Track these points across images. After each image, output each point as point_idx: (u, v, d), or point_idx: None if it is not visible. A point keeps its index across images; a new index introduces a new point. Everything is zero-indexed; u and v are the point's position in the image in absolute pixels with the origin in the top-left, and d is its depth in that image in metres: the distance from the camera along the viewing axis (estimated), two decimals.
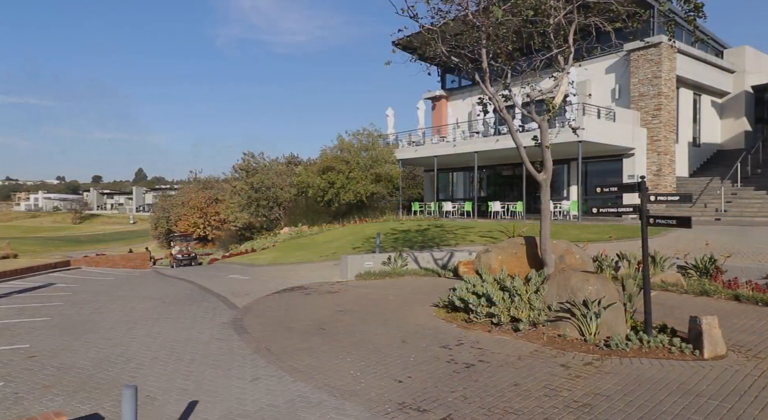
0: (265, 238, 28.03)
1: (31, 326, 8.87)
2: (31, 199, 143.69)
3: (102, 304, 11.15)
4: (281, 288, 12.63)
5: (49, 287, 13.85)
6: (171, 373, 6.19)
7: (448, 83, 32.24)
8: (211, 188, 42.17)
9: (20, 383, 5.89)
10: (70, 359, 6.84)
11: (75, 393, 5.56)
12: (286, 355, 6.86)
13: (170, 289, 13.29)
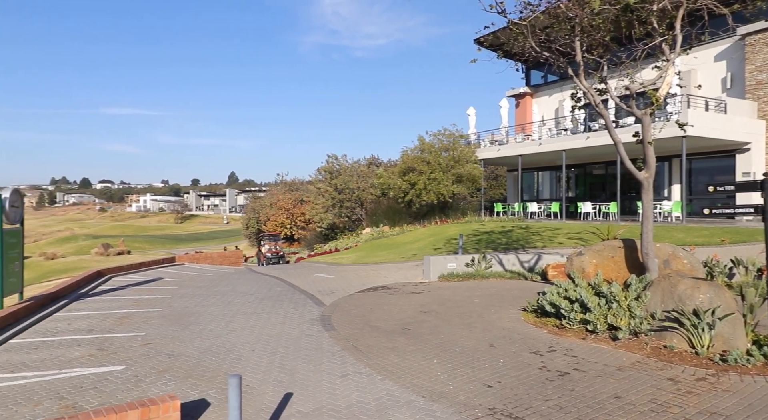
0: (348, 239, 28.77)
1: (146, 316, 9.79)
2: (141, 200, 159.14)
3: (204, 297, 12.05)
4: (365, 287, 12.87)
5: (158, 281, 15.23)
6: (267, 365, 6.53)
7: (534, 79, 31.08)
8: (297, 190, 44.11)
9: (139, 367, 6.52)
10: (179, 347, 7.46)
11: (185, 379, 6.05)
12: (372, 353, 6.96)
13: (262, 286, 14.06)
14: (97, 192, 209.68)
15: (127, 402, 4.71)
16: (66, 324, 9.05)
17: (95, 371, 6.34)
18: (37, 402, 5.32)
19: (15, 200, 9.72)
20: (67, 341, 7.83)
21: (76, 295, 12.08)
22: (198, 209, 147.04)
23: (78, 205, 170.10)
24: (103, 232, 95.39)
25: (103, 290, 13.14)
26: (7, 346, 7.56)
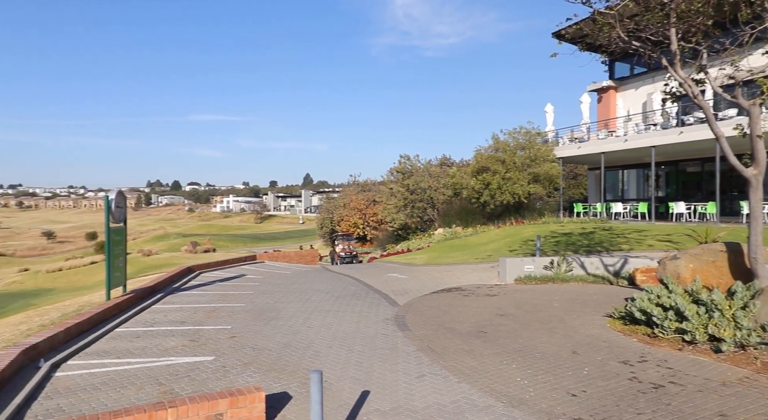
0: (420, 239, 28.72)
1: (231, 310, 10.37)
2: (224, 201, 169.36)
3: (283, 294, 12.55)
4: (438, 288, 12.76)
5: (241, 278, 16.09)
6: (344, 362, 6.66)
7: (618, 72, 29.24)
8: (369, 190, 44.76)
9: (226, 359, 6.90)
10: (261, 342, 7.81)
11: (268, 372, 6.32)
12: (448, 354, 6.87)
13: (337, 285, 14.39)
14: (186, 193, 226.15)
15: (217, 391, 4.99)
16: (162, 315, 9.80)
17: (188, 360, 6.80)
18: (140, 386, 5.80)
19: (119, 201, 10.69)
20: (163, 332, 8.47)
21: (170, 289, 13.05)
22: (275, 210, 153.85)
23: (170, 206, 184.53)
24: (191, 231, 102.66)
25: (192, 285, 14.10)
26: (114, 334, 8.32)
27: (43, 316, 9.85)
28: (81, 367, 6.47)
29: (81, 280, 54.00)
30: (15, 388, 5.55)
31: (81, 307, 10.20)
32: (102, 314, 9.01)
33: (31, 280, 57.38)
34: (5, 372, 5.62)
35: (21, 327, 8.97)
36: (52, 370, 6.28)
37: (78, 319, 8.21)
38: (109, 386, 5.80)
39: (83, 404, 5.25)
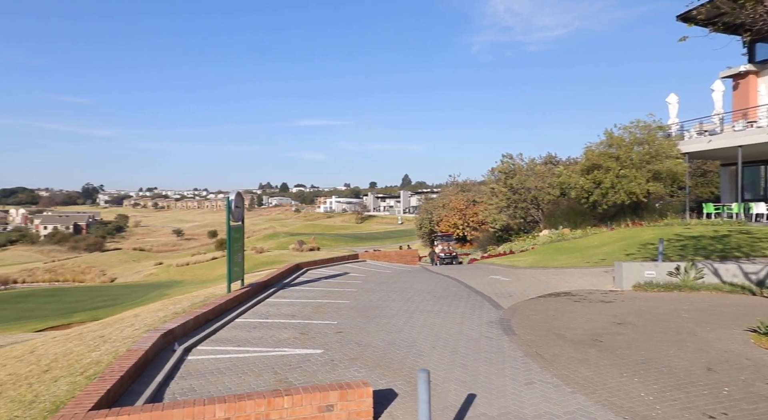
0: (524, 241, 27.58)
1: (337, 307, 10.77)
2: (327, 202, 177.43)
3: (385, 293, 12.77)
4: (545, 292, 12.14)
5: (345, 276, 16.67)
6: (448, 364, 6.57)
7: (760, 54, 25.59)
8: (469, 191, 44.01)
9: (334, 353, 7.16)
10: (366, 338, 8.00)
11: (374, 368, 6.44)
12: (559, 362, 6.48)
13: (438, 285, 14.31)
14: (293, 195, 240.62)
15: (328, 383, 5.19)
16: (275, 309, 10.46)
17: (299, 352, 7.17)
18: (258, 374, 6.22)
19: (238, 202, 11.62)
20: (276, 324, 9.03)
21: (281, 284, 13.90)
22: (375, 210, 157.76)
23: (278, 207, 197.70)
24: (298, 231, 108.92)
25: (301, 281, 14.89)
26: (234, 323, 9.04)
27: (176, 305, 11.00)
28: (208, 353, 7.11)
29: (204, 273, 59.86)
30: (156, 367, 6.25)
31: (206, 298, 11.23)
32: (224, 305, 9.85)
33: (165, 273, 64.85)
34: (149, 352, 6.36)
35: (159, 314, 10.10)
36: (184, 354, 6.98)
37: (204, 309, 9.06)
38: (232, 371, 6.30)
39: (211, 386, 5.76)
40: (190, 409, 4.37)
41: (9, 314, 37.70)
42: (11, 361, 8.21)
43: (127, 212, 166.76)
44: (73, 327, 18.37)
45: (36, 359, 7.99)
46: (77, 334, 9.89)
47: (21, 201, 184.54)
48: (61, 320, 32.40)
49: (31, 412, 5.65)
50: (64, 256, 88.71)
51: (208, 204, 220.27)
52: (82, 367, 6.98)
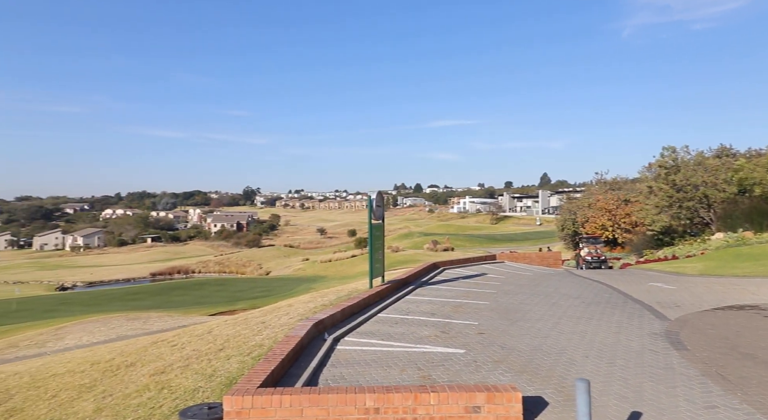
0: (690, 245, 24.16)
1: (476, 307, 10.54)
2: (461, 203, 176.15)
3: (527, 296, 12.16)
4: (723, 304, 10.45)
5: (482, 276, 16.30)
6: (605, 376, 5.97)
7: None
8: (619, 189, 40.01)
9: (476, 354, 6.99)
10: (510, 341, 7.67)
11: (520, 373, 6.13)
12: (749, 387, 5.48)
13: (586, 290, 13.21)
14: (427, 195, 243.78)
15: (474, 384, 5.05)
16: (415, 306, 10.61)
17: (441, 350, 7.13)
18: (402, 368, 6.33)
19: (379, 201, 12.04)
20: (417, 321, 9.14)
21: (419, 282, 14.08)
22: (511, 210, 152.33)
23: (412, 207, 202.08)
24: (431, 231, 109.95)
25: (438, 280, 14.92)
26: (377, 318, 9.37)
27: (324, 298, 11.80)
28: (355, 344, 7.45)
29: (345, 270, 63.64)
30: (310, 354, 6.72)
31: (350, 293, 11.84)
32: (367, 300, 10.27)
33: (311, 268, 70.40)
34: (303, 340, 6.87)
35: (309, 305, 10.93)
36: (334, 343, 7.40)
37: (350, 302, 9.54)
38: (377, 364, 6.50)
39: (359, 376, 6.00)
40: (343, 396, 4.57)
41: (189, 299, 44.25)
42: (194, 339, 9.53)
43: (279, 212, 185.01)
44: (238, 313, 20.87)
45: (213, 339, 9.17)
46: (243, 319, 11.14)
47: (197, 202, 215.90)
48: (228, 307, 37.08)
49: (210, 384, 6.47)
50: (230, 250, 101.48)
51: (347, 204, 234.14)
52: (248, 348, 7.81)
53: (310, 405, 4.52)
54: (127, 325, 23.95)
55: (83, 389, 7.40)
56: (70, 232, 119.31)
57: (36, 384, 8.18)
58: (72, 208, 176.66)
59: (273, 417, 4.51)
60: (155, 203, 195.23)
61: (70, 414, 6.47)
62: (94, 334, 21.44)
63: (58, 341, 20.46)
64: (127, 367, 8.13)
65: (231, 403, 4.51)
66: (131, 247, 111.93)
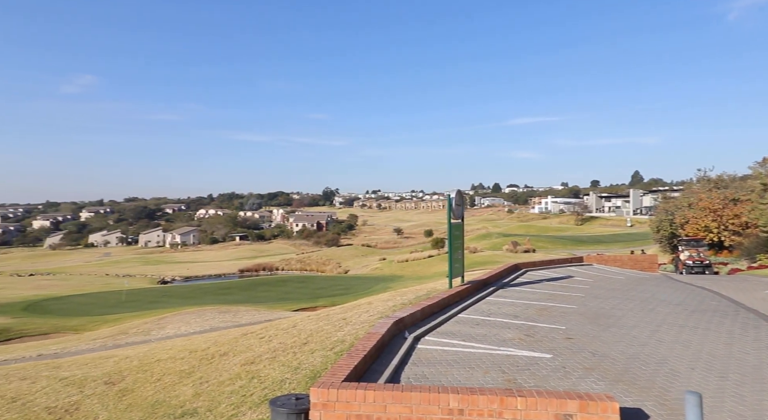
0: None
1: (562, 311, 10.01)
2: (542, 203, 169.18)
3: (619, 301, 11.36)
4: None
5: (568, 279, 15.48)
6: (715, 390, 5.39)
7: None
8: (726, 187, 36.22)
9: (565, 359, 6.62)
10: (601, 348, 7.18)
11: (614, 382, 5.71)
12: None
13: (689, 297, 12.08)
14: (506, 195, 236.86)
15: (564, 390, 4.77)
16: (496, 308, 10.30)
17: (526, 354, 6.84)
18: (485, 370, 6.14)
19: (458, 200, 11.84)
20: (499, 323, 8.85)
21: (500, 283, 13.66)
22: (598, 211, 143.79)
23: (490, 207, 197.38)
24: (511, 231, 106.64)
25: (520, 282, 14.39)
26: (457, 318, 9.20)
27: (403, 297, 11.82)
28: (435, 344, 7.36)
29: (422, 270, 63.57)
30: (391, 351, 6.74)
31: (429, 292, 11.75)
32: (446, 300, 10.13)
33: (387, 268, 71.13)
34: (384, 337, 6.91)
35: (388, 303, 11.00)
36: (414, 342, 7.37)
37: (429, 302, 9.46)
38: (459, 364, 6.37)
39: (441, 376, 5.91)
40: (427, 395, 4.51)
41: (273, 295, 46.50)
42: (280, 333, 9.96)
43: (356, 212, 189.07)
44: (318, 309, 21.56)
45: (297, 333, 9.51)
46: (325, 314, 11.45)
47: (280, 203, 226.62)
48: (309, 303, 38.46)
49: (296, 376, 6.70)
50: (310, 249, 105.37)
51: (423, 205, 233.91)
52: (331, 343, 8.00)
53: (393, 402, 4.51)
54: (219, 317, 25.65)
55: (183, 375, 7.98)
56: (170, 231, 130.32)
57: (143, 368, 8.95)
58: (171, 209, 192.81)
59: (357, 411, 4.56)
60: (243, 204, 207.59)
61: (172, 397, 7.00)
62: (190, 325, 23.19)
63: (160, 330, 22.36)
64: (221, 357, 8.65)
65: (317, 395, 4.62)
66: (222, 244, 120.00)
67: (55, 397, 7.80)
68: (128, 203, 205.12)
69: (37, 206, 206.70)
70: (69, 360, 11.72)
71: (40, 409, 7.29)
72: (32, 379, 9.13)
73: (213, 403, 6.39)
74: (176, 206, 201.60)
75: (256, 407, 5.94)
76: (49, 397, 7.80)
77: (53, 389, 8.21)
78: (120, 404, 7.13)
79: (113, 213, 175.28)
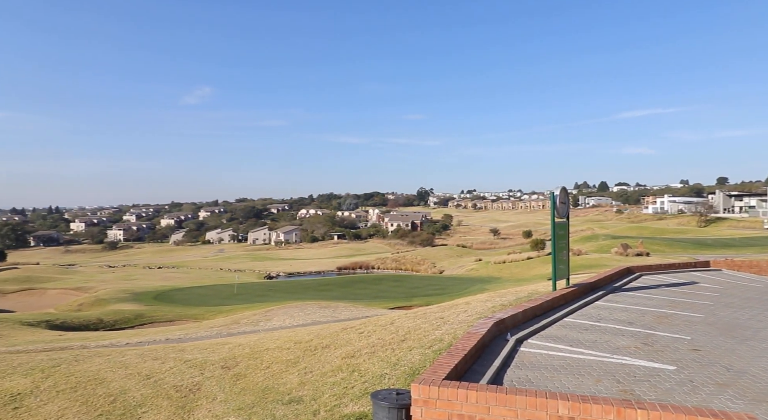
0: None
1: (686, 320, 9.01)
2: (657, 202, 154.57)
3: (759, 311, 9.97)
4: None
5: (692, 285, 13.92)
6: None
7: None
8: None
9: (692, 373, 5.92)
10: (738, 363, 6.32)
11: (757, 402, 4.98)
12: None
13: None
14: (614, 194, 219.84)
15: (693, 406, 4.25)
16: (607, 313, 9.54)
17: (644, 364, 6.23)
18: (597, 378, 5.69)
19: (563, 197, 11.17)
20: (611, 329, 8.18)
21: (610, 288, 12.66)
22: (726, 211, 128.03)
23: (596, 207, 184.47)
24: (620, 233, 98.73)
25: (634, 287, 13.22)
26: (563, 322, 8.67)
27: (502, 298, 11.41)
28: (539, 347, 6.99)
29: (520, 272, 61.22)
30: (492, 353, 6.51)
31: (530, 294, 11.22)
32: (550, 303, 9.59)
33: (484, 269, 69.51)
34: (485, 337, 6.70)
35: (487, 304, 10.68)
36: (516, 345, 7.06)
37: (531, 304, 9.01)
38: (567, 370, 5.97)
39: (547, 381, 5.58)
40: (533, 399, 4.27)
41: (369, 293, 47.61)
42: (378, 329, 10.11)
43: (451, 212, 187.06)
44: (413, 308, 21.62)
45: (395, 330, 9.59)
46: (422, 313, 11.43)
47: (376, 203, 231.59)
48: (404, 302, 38.80)
49: (395, 372, 6.74)
50: (405, 248, 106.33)
51: (522, 204, 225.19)
52: (429, 341, 7.95)
53: (497, 404, 4.33)
54: (319, 312, 26.82)
55: (289, 364, 8.41)
56: (274, 229, 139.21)
57: (254, 355, 9.58)
58: (276, 208, 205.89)
59: (459, 411, 4.44)
60: (340, 204, 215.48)
61: (280, 384, 7.39)
62: (294, 318, 24.51)
63: (267, 321, 23.91)
64: (323, 349, 8.98)
65: (419, 391, 4.58)
66: (321, 243, 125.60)
67: (181, 377, 8.62)
68: (239, 203, 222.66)
69: (164, 206, 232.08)
70: (191, 344, 12.93)
71: (169, 386, 8.09)
72: (162, 359, 10.19)
73: (317, 393, 6.64)
74: (280, 206, 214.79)
75: (358, 399, 6.06)
76: (175, 377, 8.64)
77: (179, 370, 9.08)
78: (235, 387, 7.69)
79: (226, 212, 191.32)
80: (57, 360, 10.51)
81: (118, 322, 31.09)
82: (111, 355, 11.22)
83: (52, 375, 9.08)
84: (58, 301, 46.69)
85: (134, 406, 7.33)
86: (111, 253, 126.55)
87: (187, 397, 7.49)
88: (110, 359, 10.45)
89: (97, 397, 7.81)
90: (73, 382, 8.63)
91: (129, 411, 7.16)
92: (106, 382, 8.53)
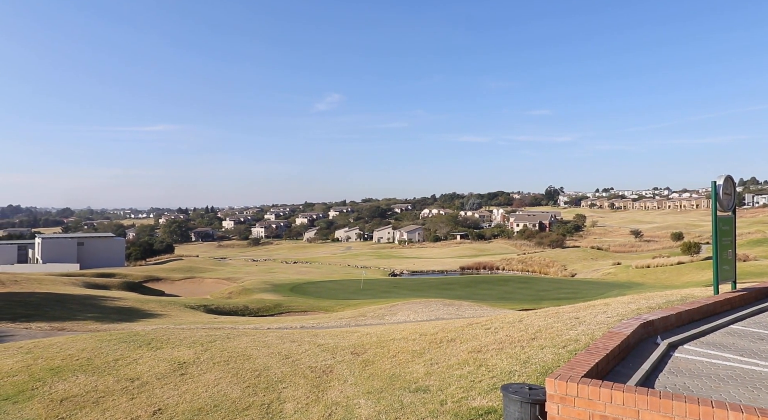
0: None
1: None
2: None
3: None
4: None
5: None
6: None
7: None
8: None
9: None
10: None
11: None
12: None
13: None
14: None
15: None
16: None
17: None
18: None
19: (727, 188, 9.65)
20: None
21: None
22: None
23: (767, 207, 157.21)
24: None
25: None
26: (729, 329, 7.47)
27: (649, 300, 10.22)
28: (699, 354, 6.09)
29: (668, 278, 54.66)
30: (638, 356, 5.83)
31: (684, 297, 9.88)
32: (711, 307, 8.34)
33: (623, 273, 63.39)
34: (630, 339, 6.02)
35: (630, 306, 9.64)
36: (669, 349, 6.24)
37: (687, 307, 7.92)
38: (736, 382, 5.11)
39: (710, 391, 4.83)
40: (694, 407, 3.70)
41: (494, 293, 46.30)
42: (506, 326, 9.72)
43: (584, 212, 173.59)
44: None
45: (524, 327, 9.13)
46: (554, 312, 10.74)
47: (500, 202, 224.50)
48: (532, 305, 37.00)
49: (526, 370, 6.39)
50: (532, 249, 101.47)
51: (669, 204, 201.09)
52: (562, 341, 7.41)
53: (649, 409, 3.83)
54: (443, 309, 26.77)
55: (415, 354, 8.46)
56: (398, 228, 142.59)
57: (381, 344, 9.84)
58: (399, 208, 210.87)
59: (601, 411, 4.03)
60: (463, 204, 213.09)
61: (406, 372, 7.47)
62: (417, 313, 24.79)
63: (392, 316, 24.51)
64: (449, 342, 8.88)
65: (554, 386, 4.26)
66: (443, 242, 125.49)
67: (315, 359, 9.17)
68: (365, 203, 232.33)
69: (299, 206, 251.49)
70: (323, 331, 13.73)
71: (305, 367, 8.66)
72: (298, 342, 10.97)
73: (443, 384, 6.56)
74: (403, 206, 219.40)
75: (486, 394, 5.86)
76: (310, 358, 9.22)
77: (313, 353, 9.68)
78: (364, 372, 7.95)
79: (353, 212, 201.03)
80: (213, 337, 11.89)
81: (260, 309, 34.43)
82: (256, 335, 12.38)
83: (209, 349, 10.28)
84: (212, 288, 53.24)
85: (275, 381, 7.96)
86: (254, 249, 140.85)
87: (320, 378, 7.93)
88: (255, 339, 11.52)
89: (245, 370, 8.64)
90: (226, 356, 9.67)
91: (271, 385, 7.79)
92: (252, 359, 9.41)
